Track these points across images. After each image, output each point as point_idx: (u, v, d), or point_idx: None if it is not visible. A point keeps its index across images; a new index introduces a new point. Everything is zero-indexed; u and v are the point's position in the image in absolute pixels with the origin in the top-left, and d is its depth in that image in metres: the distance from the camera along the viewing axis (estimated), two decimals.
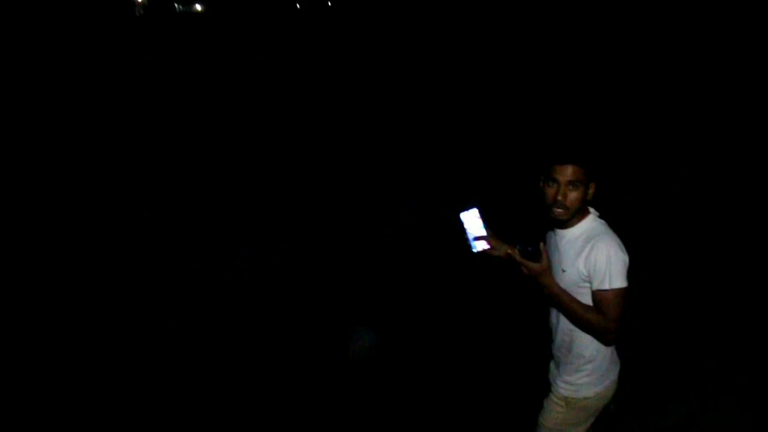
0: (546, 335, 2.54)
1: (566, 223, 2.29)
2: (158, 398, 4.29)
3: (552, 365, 2.53)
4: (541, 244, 2.18)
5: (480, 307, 5.21)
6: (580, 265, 2.22)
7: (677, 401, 3.57)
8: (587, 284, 2.23)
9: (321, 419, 4.04)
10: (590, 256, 2.18)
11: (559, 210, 2.18)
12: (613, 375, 2.43)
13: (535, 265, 2.14)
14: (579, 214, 2.25)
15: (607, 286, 2.15)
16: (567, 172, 2.15)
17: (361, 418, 4.02)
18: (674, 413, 3.49)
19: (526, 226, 2.52)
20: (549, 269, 2.18)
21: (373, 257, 6.15)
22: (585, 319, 2.19)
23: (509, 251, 2.21)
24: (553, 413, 2.45)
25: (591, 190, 2.22)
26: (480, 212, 2.34)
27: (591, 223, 2.28)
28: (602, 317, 2.17)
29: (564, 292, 2.20)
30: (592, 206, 2.33)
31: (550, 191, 2.18)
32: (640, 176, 6.87)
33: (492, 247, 2.39)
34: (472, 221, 2.36)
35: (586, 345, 2.32)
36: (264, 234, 6.43)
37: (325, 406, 4.14)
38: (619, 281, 2.15)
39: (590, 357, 2.34)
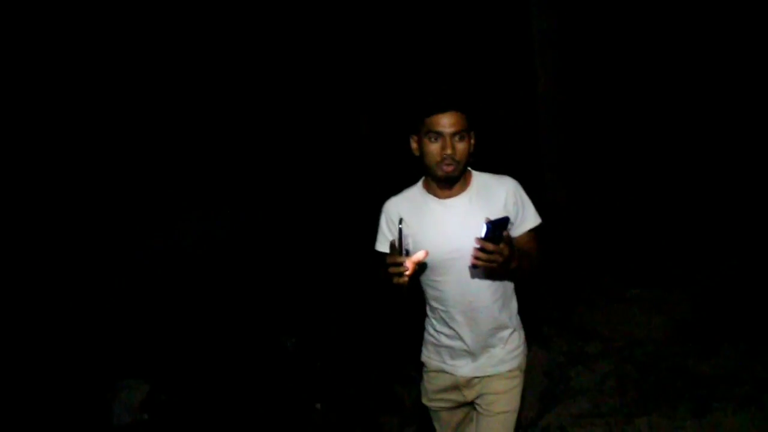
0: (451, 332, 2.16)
1: (456, 188, 2.03)
2: None
3: (471, 363, 2.16)
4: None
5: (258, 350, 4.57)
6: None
7: None
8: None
9: None
10: (511, 200, 2.03)
11: (449, 167, 1.92)
12: None
13: (506, 243, 1.82)
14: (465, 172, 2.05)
15: (538, 221, 2.09)
16: (449, 122, 1.90)
17: None
18: None
19: None
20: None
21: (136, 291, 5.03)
22: (534, 266, 2.08)
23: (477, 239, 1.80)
24: (515, 390, 2.19)
25: (473, 141, 2.00)
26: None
27: (480, 175, 2.09)
28: (538, 254, 2.10)
29: (521, 251, 1.98)
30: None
31: (434, 147, 1.92)
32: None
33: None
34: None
35: (514, 297, 2.19)
36: None
37: None
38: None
39: (517, 308, 2.21)
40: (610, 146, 6.33)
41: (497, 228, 1.78)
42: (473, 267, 1.91)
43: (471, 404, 2.22)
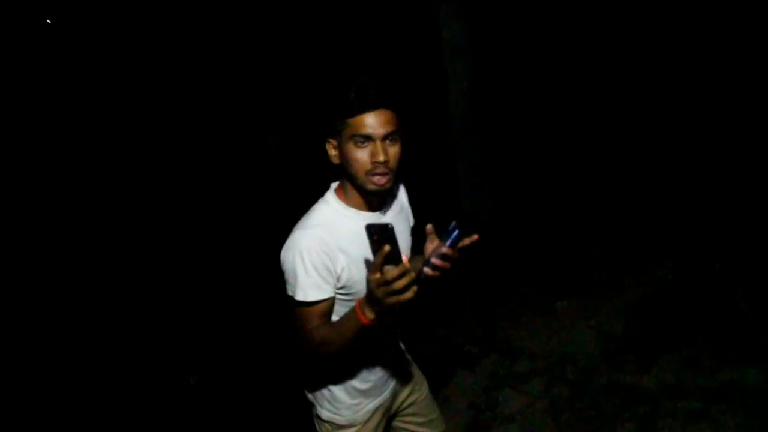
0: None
1: (388, 196, 1.78)
2: None
3: (394, 376, 1.97)
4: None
5: None
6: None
7: None
8: None
9: None
10: (407, 204, 1.93)
11: (382, 178, 1.58)
12: None
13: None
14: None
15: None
16: (380, 122, 1.55)
17: None
18: None
19: None
20: None
21: None
22: None
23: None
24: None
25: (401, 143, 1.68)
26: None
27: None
28: None
29: None
30: None
31: (362, 153, 1.57)
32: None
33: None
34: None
35: None
36: None
37: None
38: None
39: None
40: (528, 153, 6.11)
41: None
42: (425, 279, 1.53)
43: None
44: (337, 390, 1.82)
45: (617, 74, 6.36)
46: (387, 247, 1.34)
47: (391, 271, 1.33)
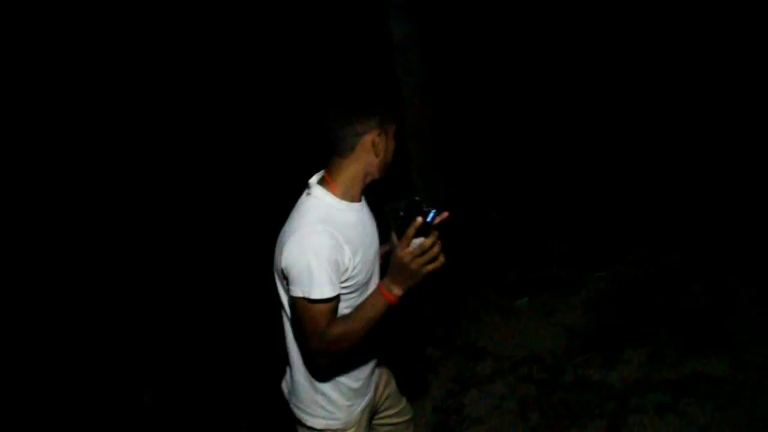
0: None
1: None
2: None
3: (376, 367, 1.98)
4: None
5: None
6: None
7: None
8: None
9: None
10: None
11: None
12: None
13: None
14: None
15: None
16: None
17: None
18: None
19: None
20: None
21: None
22: None
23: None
24: None
25: None
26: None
27: None
28: None
29: None
30: None
31: (393, 145, 1.75)
32: None
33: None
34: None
35: None
36: None
37: None
38: None
39: None
40: (485, 151, 6.07)
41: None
42: None
43: None
44: (332, 392, 1.80)
45: (574, 68, 6.38)
46: (420, 219, 1.42)
47: (427, 240, 1.44)
